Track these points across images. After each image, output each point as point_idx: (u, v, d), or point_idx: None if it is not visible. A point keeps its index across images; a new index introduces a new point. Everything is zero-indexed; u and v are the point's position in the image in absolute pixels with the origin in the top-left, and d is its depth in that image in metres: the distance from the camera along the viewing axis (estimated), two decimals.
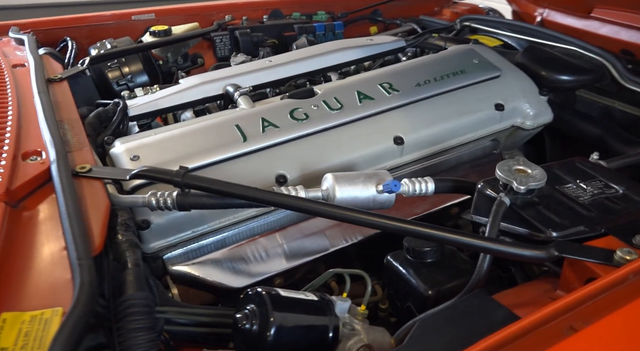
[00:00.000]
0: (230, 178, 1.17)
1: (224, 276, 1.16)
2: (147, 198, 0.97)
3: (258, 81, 1.54)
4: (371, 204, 1.06)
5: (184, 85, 1.51)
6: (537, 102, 1.50)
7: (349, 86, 1.41)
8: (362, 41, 1.74)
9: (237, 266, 1.20)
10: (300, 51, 1.69)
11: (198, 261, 1.17)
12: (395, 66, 1.53)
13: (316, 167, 1.25)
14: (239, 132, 1.25)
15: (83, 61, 1.65)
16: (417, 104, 1.40)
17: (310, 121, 1.30)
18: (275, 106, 1.34)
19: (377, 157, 1.32)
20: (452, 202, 1.37)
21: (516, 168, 1.00)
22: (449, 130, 1.40)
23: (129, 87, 1.91)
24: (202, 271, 1.16)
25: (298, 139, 1.28)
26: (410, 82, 1.43)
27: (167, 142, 1.22)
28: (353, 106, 1.36)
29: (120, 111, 1.37)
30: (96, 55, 1.70)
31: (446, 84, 1.44)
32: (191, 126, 1.27)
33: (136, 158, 1.16)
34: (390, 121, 1.36)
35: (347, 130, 1.32)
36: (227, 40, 2.14)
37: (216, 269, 1.18)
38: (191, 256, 1.18)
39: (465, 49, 1.58)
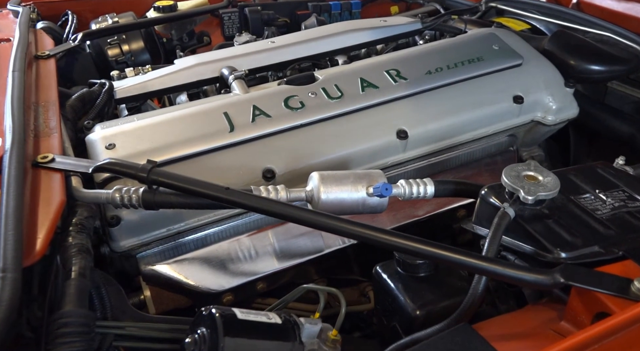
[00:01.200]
0: (213, 171, 1.10)
1: (201, 279, 1.08)
2: (110, 194, 0.88)
3: (258, 64, 1.44)
4: (360, 207, 0.96)
5: (177, 66, 1.42)
6: (562, 94, 1.35)
7: (353, 72, 1.29)
8: (374, 22, 1.60)
9: (217, 267, 1.11)
10: (307, 32, 1.57)
11: (174, 260, 1.09)
12: (406, 51, 1.40)
13: (308, 162, 1.15)
14: (227, 121, 1.15)
15: (75, 37, 1.56)
16: (425, 94, 1.27)
17: (305, 110, 1.19)
18: (270, 92, 1.24)
19: (376, 152, 1.21)
20: (459, 204, 1.25)
21: (525, 174, 0.88)
22: (459, 124, 1.27)
23: (129, 66, 1.83)
24: (178, 272, 1.08)
25: (291, 131, 1.17)
26: (420, 69, 1.30)
27: (147, 129, 1.13)
28: (354, 94, 1.24)
29: (105, 93, 1.29)
30: (89, 31, 1.62)
31: (460, 73, 1.31)
32: (176, 113, 1.18)
33: (112, 147, 1.08)
34: (394, 113, 1.24)
35: (345, 121, 1.21)
36: (235, 18, 2.03)
37: (193, 270, 1.09)
38: (167, 255, 1.10)
39: (485, 34, 1.43)
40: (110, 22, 1.86)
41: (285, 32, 2.03)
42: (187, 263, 1.10)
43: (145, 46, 1.85)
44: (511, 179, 0.86)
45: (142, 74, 1.41)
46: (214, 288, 1.08)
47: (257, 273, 1.12)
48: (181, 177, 0.86)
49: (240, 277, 1.11)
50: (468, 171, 1.33)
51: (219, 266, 1.12)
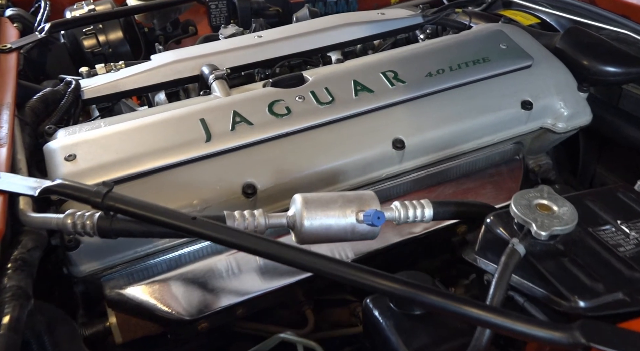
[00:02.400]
0: (187, 186, 0.98)
1: (174, 304, 0.97)
2: (62, 220, 0.77)
3: (242, 61, 1.31)
4: (349, 235, 0.84)
5: (153, 63, 1.29)
6: (575, 100, 1.23)
7: (345, 74, 1.17)
8: (371, 15, 1.47)
9: (192, 291, 1.00)
10: (297, 26, 1.44)
11: (143, 283, 0.98)
12: (404, 50, 1.27)
13: (294, 175, 1.04)
14: (203, 129, 1.03)
15: (42, 28, 1.43)
16: (425, 99, 1.15)
17: (292, 117, 1.07)
18: (253, 96, 1.12)
19: (370, 164, 1.09)
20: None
21: (538, 203, 0.76)
22: (461, 132, 1.16)
23: (106, 58, 1.70)
24: (148, 296, 0.97)
25: (275, 140, 1.05)
26: (419, 71, 1.18)
27: (113, 138, 1.01)
28: (347, 99, 1.12)
29: (70, 93, 1.16)
30: (58, 22, 1.48)
31: (463, 75, 1.18)
32: (147, 119, 1.06)
33: (72, 158, 0.96)
34: (390, 120, 1.12)
35: (336, 130, 1.09)
36: (223, 7, 1.89)
37: (165, 294, 0.99)
38: (136, 278, 0.99)
39: (492, 31, 1.30)
40: (86, 9, 1.72)
41: (276, 22, 1.90)
42: (158, 286, 0.99)
43: (124, 37, 1.72)
44: (521, 209, 0.74)
45: (114, 71, 1.29)
46: (188, 314, 0.97)
47: (238, 297, 1.01)
48: (141, 203, 0.75)
49: (217, 302, 1.00)
50: (470, 182, 1.22)
51: (194, 289, 1.01)
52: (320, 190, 1.06)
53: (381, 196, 1.14)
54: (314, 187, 1.06)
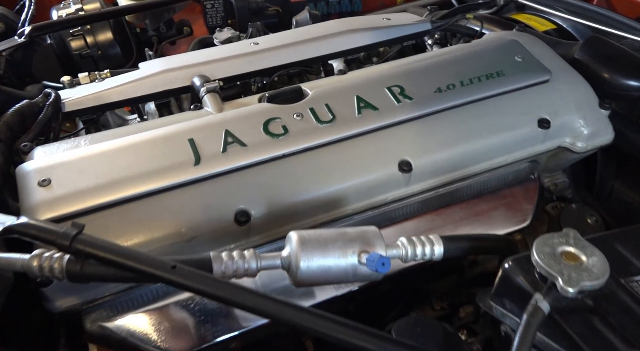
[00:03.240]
0: (173, 215, 0.89)
1: (162, 338, 0.90)
2: (27, 261, 0.68)
3: (237, 70, 1.22)
4: (350, 277, 0.76)
5: (141, 72, 1.20)
6: (596, 117, 1.14)
7: (348, 88, 1.08)
8: (376, 21, 1.38)
9: (181, 323, 0.93)
10: (297, 32, 1.35)
11: (128, 316, 0.90)
12: (411, 62, 1.18)
13: (291, 201, 0.95)
14: (192, 151, 0.94)
15: (22, 32, 1.33)
16: (433, 117, 1.06)
17: (289, 137, 0.98)
18: (247, 113, 1.03)
19: (374, 187, 1.01)
20: None
21: (563, 251, 0.67)
22: (473, 153, 1.07)
23: (95, 60, 1.61)
24: (132, 330, 0.89)
25: (270, 162, 0.97)
26: (428, 86, 1.09)
27: (93, 160, 0.92)
28: (349, 117, 1.03)
29: (49, 106, 1.07)
30: (39, 25, 1.39)
31: (476, 91, 1.09)
32: (130, 139, 0.97)
33: (46, 183, 0.87)
34: (396, 140, 1.03)
35: (336, 151, 1.00)
36: (220, 7, 1.79)
37: (152, 327, 0.91)
38: (120, 309, 0.91)
39: (507, 42, 1.20)
40: (74, 9, 1.63)
41: (276, 23, 1.81)
42: (144, 318, 0.91)
43: (114, 38, 1.63)
44: (545, 259, 0.66)
45: (98, 80, 1.20)
46: (177, 349, 0.90)
47: (232, 330, 0.93)
48: (114, 248, 0.66)
49: (209, 335, 0.92)
50: (482, 204, 1.13)
51: (184, 321, 0.93)
52: (320, 216, 0.98)
53: (385, 218, 1.07)
54: (313, 213, 0.98)
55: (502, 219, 1.12)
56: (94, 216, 0.86)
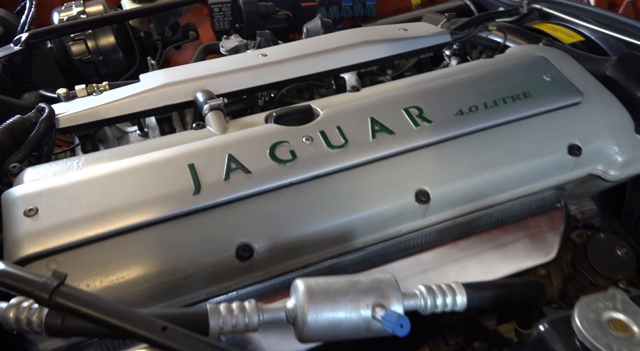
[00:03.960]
0: (169, 249, 0.82)
1: None
2: (2, 312, 0.62)
3: (243, 85, 1.15)
4: (362, 333, 0.68)
5: (141, 85, 1.13)
6: (631, 144, 1.05)
7: (361, 109, 1.00)
8: (392, 32, 1.29)
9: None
10: (307, 43, 1.26)
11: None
12: (430, 79, 1.09)
13: (298, 234, 0.88)
14: (191, 178, 0.87)
15: (18, 39, 1.26)
16: (454, 142, 0.98)
17: (297, 163, 0.91)
18: (252, 135, 0.95)
19: (388, 219, 0.93)
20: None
21: (610, 319, 0.59)
22: (496, 181, 0.98)
23: (96, 66, 1.54)
24: None
25: (276, 191, 0.89)
26: (448, 108, 1.00)
27: (85, 186, 0.85)
28: (362, 142, 0.95)
29: (42, 123, 1.00)
30: (37, 32, 1.32)
31: (500, 114, 1.01)
32: (126, 163, 0.89)
33: (33, 213, 0.80)
34: (414, 167, 0.95)
35: (348, 179, 0.92)
36: (228, 10, 1.71)
37: None
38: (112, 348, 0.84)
39: (534, 59, 1.11)
40: (75, 12, 1.56)
41: (286, 28, 1.73)
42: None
43: (116, 42, 1.56)
44: (590, 329, 0.58)
45: (96, 93, 1.12)
46: None
47: None
48: (98, 303, 0.59)
49: None
50: (503, 235, 1.05)
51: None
52: (329, 249, 0.91)
53: (397, 249, 0.99)
54: (321, 246, 0.90)
55: (525, 251, 1.04)
56: (83, 250, 0.79)
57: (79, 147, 1.14)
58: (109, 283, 0.78)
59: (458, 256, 1.02)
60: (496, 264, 1.02)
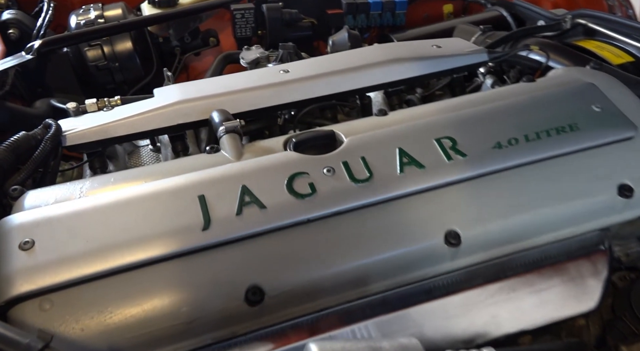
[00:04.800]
0: (172, 289, 0.75)
1: None
2: None
3: (263, 103, 1.07)
4: None
5: (155, 102, 1.06)
6: None
7: (388, 138, 0.91)
8: (424, 49, 1.20)
9: None
10: (332, 59, 1.18)
11: None
12: (465, 106, 1.00)
13: (314, 275, 0.80)
14: (201, 211, 0.80)
15: (30, 47, 1.21)
16: (490, 179, 0.89)
17: (316, 198, 0.83)
18: (269, 165, 0.87)
19: (413, 262, 0.84)
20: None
21: None
22: (535, 223, 0.89)
23: (112, 73, 1.49)
24: None
25: (291, 228, 0.81)
26: (485, 140, 0.91)
27: (86, 217, 0.79)
28: (389, 175, 0.86)
29: (47, 141, 0.94)
30: (49, 39, 1.26)
31: (543, 148, 0.91)
32: (133, 191, 0.83)
33: (29, 246, 0.74)
34: (444, 205, 0.86)
35: (371, 216, 0.84)
36: (250, 17, 1.64)
37: None
38: None
39: (581, 86, 1.02)
40: (93, 15, 1.50)
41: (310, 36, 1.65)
42: None
43: (134, 48, 1.50)
44: None
45: (107, 109, 1.06)
46: None
47: None
48: None
49: None
50: (539, 280, 0.95)
51: None
52: (346, 293, 0.83)
53: (420, 290, 0.90)
54: (338, 290, 0.82)
55: (563, 298, 0.94)
56: (80, 289, 0.73)
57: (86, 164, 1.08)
58: (107, 326, 0.72)
59: (488, 301, 0.93)
60: (530, 312, 0.92)
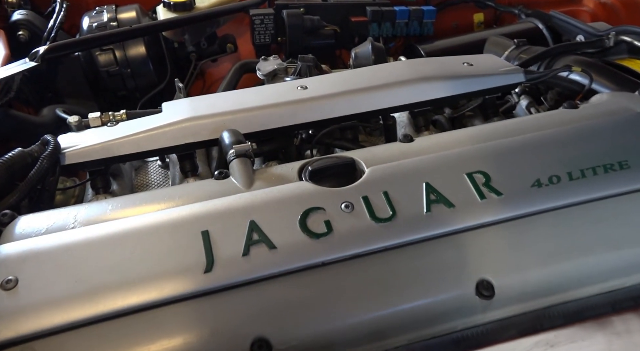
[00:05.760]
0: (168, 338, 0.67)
1: None
2: None
3: (278, 123, 0.99)
4: None
5: (162, 118, 0.98)
6: None
7: (414, 170, 0.82)
8: (454, 66, 1.10)
9: None
10: (355, 75, 1.08)
11: None
12: (499, 133, 0.90)
13: (327, 327, 0.72)
14: (204, 250, 0.72)
15: (35, 53, 1.14)
16: (529, 221, 0.79)
17: (333, 238, 0.74)
18: (282, 196, 0.79)
19: (439, 314, 0.75)
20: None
21: None
22: (579, 273, 0.79)
23: (124, 79, 1.42)
24: None
25: (303, 272, 0.73)
26: (523, 176, 0.82)
27: (77, 253, 0.71)
28: (414, 214, 0.77)
29: (44, 160, 0.87)
30: (55, 45, 1.19)
31: (588, 188, 0.81)
32: (130, 223, 0.75)
33: (11, 285, 0.67)
34: (476, 251, 0.77)
35: (393, 260, 0.75)
36: (270, 22, 1.56)
37: None
38: None
39: (631, 117, 0.91)
40: (106, 18, 1.43)
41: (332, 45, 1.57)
42: None
43: (147, 53, 1.42)
44: None
45: (111, 124, 0.98)
46: None
47: None
48: None
49: None
50: (580, 335, 0.84)
51: None
52: (364, 347, 0.74)
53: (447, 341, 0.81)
54: (354, 343, 0.73)
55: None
56: (65, 337, 0.66)
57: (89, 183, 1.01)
58: None
59: None
60: None
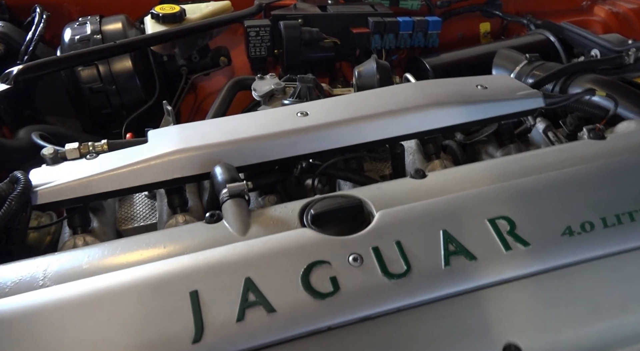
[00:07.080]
0: None
1: None
2: None
3: (275, 155, 0.89)
4: None
5: (147, 149, 0.88)
6: None
7: (429, 214, 0.73)
8: (467, 89, 1.01)
9: None
10: (358, 99, 0.99)
11: None
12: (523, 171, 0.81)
13: None
14: (192, 314, 0.62)
15: (8, 74, 1.04)
16: (559, 275, 0.71)
17: (340, 298, 0.65)
18: (281, 247, 0.69)
19: None
20: None
21: None
22: (617, 334, 0.71)
23: (108, 96, 1.32)
24: None
25: (306, 338, 0.64)
26: (552, 222, 0.73)
27: (42, 322, 0.62)
28: (431, 269, 0.68)
29: (13, 201, 0.77)
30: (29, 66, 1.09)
31: (626, 236, 0.73)
32: (107, 281, 0.66)
33: None
34: (502, 310, 0.68)
35: (408, 322, 0.66)
36: (266, 34, 1.46)
37: None
38: None
39: None
40: (89, 30, 1.33)
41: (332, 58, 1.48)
42: None
43: (133, 68, 1.33)
44: None
45: (90, 156, 0.88)
46: None
47: None
48: None
49: None
50: None
51: None
52: None
53: None
54: None
55: None
56: None
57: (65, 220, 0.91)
58: None
59: None
60: None
